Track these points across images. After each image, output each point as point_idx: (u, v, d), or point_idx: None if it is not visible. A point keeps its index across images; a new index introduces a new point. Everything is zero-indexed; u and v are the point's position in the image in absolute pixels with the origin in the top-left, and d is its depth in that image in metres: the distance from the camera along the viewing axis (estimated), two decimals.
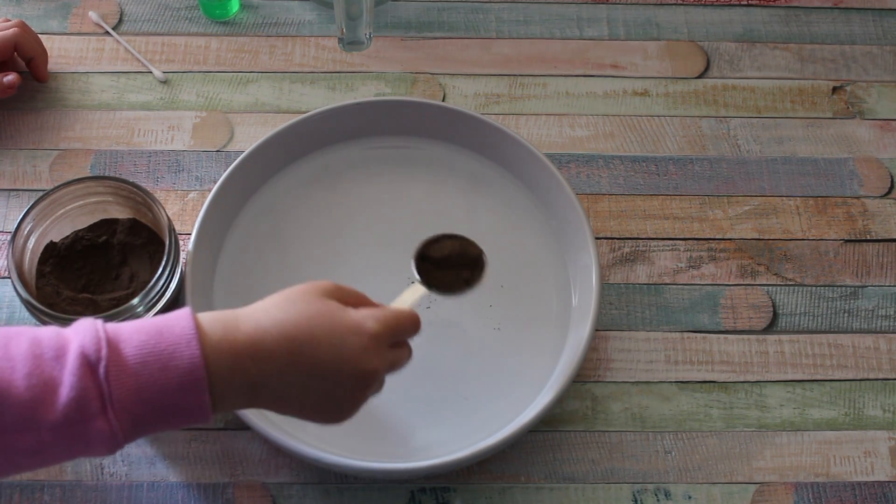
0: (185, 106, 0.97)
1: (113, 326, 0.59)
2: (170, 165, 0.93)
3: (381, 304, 0.68)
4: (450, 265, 0.77)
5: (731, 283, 0.89)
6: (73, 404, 0.56)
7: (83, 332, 0.58)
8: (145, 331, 0.59)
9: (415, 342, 0.84)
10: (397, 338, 0.66)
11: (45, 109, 0.96)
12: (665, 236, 0.91)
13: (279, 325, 0.61)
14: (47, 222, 0.79)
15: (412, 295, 0.73)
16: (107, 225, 0.82)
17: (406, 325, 0.66)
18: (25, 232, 0.77)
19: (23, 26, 0.94)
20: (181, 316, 0.60)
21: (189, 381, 0.58)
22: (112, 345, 0.57)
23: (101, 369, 0.56)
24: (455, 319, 0.85)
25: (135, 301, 0.74)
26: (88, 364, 0.56)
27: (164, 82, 0.98)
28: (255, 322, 0.61)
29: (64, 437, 0.56)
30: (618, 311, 0.88)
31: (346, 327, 0.62)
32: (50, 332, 0.58)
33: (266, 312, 0.62)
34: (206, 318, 0.61)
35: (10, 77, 0.92)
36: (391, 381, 0.82)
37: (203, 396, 0.58)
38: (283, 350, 0.60)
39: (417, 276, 0.74)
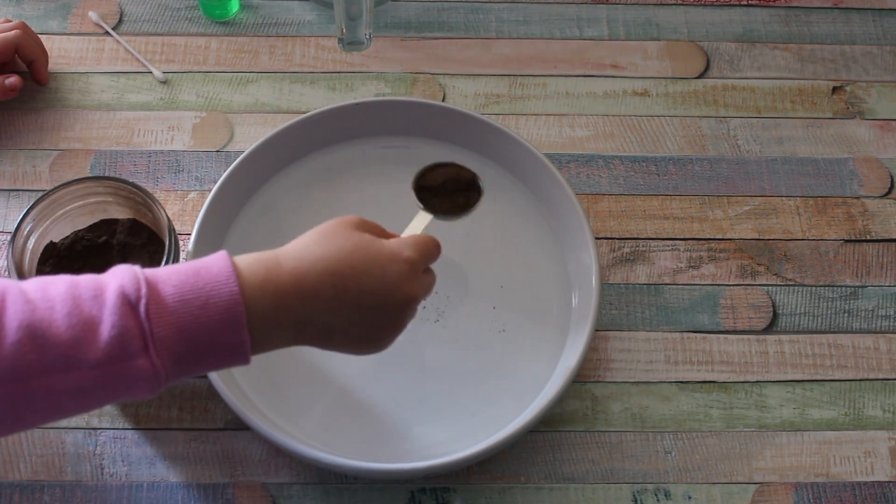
0: (184, 106, 0.97)
1: (150, 270, 0.60)
2: (170, 165, 0.93)
3: (415, 236, 0.70)
4: (446, 191, 0.79)
5: (731, 283, 0.89)
6: (114, 342, 0.56)
7: (121, 275, 0.58)
8: (183, 272, 0.60)
9: (415, 342, 0.84)
10: (428, 262, 0.69)
11: (45, 110, 0.96)
12: (665, 236, 0.91)
13: (321, 260, 0.62)
14: (47, 222, 0.79)
15: (420, 223, 0.75)
16: (107, 225, 0.82)
17: (434, 250, 0.69)
18: (25, 232, 0.77)
19: (24, 28, 0.94)
20: (218, 257, 0.61)
21: (228, 318, 0.58)
22: (151, 284, 0.58)
23: (142, 307, 0.57)
24: (458, 320, 0.85)
25: None
26: (129, 303, 0.57)
27: (164, 82, 0.98)
28: (296, 261, 0.62)
29: (106, 376, 0.57)
30: (618, 311, 0.88)
31: (385, 256, 0.64)
32: (88, 277, 0.59)
33: (306, 249, 0.63)
34: (246, 259, 0.62)
35: (12, 79, 0.92)
36: (392, 381, 0.82)
37: (242, 333, 0.59)
38: (328, 285, 0.62)
39: (420, 204, 0.77)
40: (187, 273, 0.59)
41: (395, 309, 0.65)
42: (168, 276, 0.59)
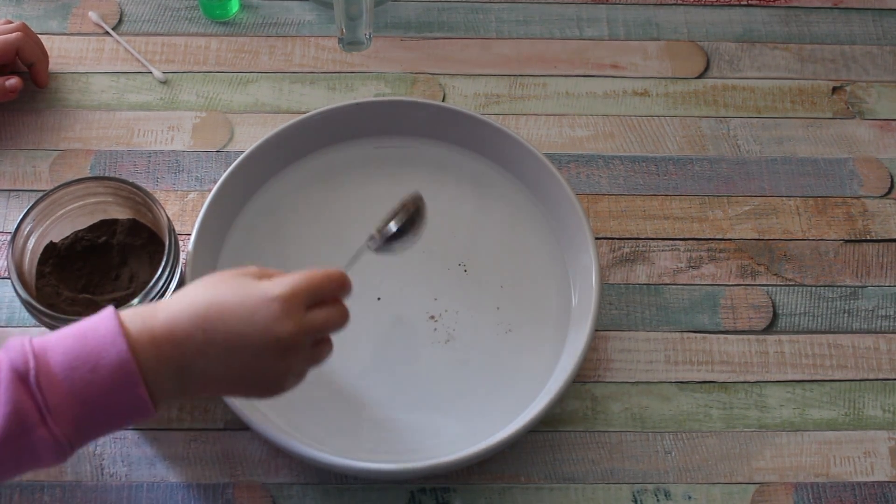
0: (184, 106, 0.97)
1: (39, 339, 0.60)
2: (170, 166, 0.93)
3: (299, 272, 0.66)
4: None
5: (731, 283, 0.89)
6: (11, 418, 0.57)
7: (11, 350, 0.59)
8: (71, 335, 0.60)
9: (416, 341, 0.84)
10: (314, 298, 0.65)
11: (45, 110, 0.96)
12: (665, 236, 0.91)
13: (190, 306, 0.62)
14: (47, 223, 0.79)
15: (354, 257, 0.74)
16: (107, 225, 0.82)
17: (320, 284, 0.65)
18: (25, 232, 0.77)
19: (25, 29, 0.94)
20: (104, 316, 0.61)
21: (121, 377, 0.58)
22: (38, 355, 0.58)
23: (32, 379, 0.57)
24: (459, 321, 0.85)
25: (135, 301, 0.74)
26: (19, 377, 0.57)
27: (164, 82, 0.98)
28: (169, 308, 0.62)
29: (9, 451, 0.57)
30: (618, 311, 0.88)
31: (254, 298, 0.62)
32: None
33: (181, 297, 0.63)
34: (126, 314, 0.62)
35: (13, 81, 0.92)
36: (391, 381, 0.82)
37: (138, 389, 0.59)
38: (197, 330, 0.61)
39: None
40: (75, 336, 0.59)
41: (270, 350, 0.62)
42: (56, 342, 0.59)
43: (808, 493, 0.80)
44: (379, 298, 0.85)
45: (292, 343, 0.63)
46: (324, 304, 0.65)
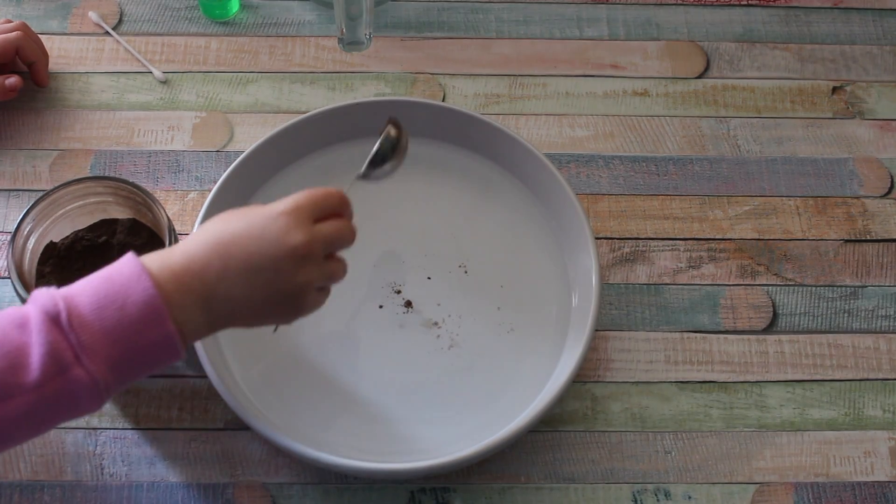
0: (184, 106, 0.97)
1: (64, 288, 0.61)
2: (170, 165, 0.93)
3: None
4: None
5: (731, 283, 0.89)
6: (47, 359, 0.58)
7: (39, 298, 0.60)
8: (96, 280, 0.61)
9: (419, 350, 0.83)
10: (318, 212, 0.67)
11: (45, 109, 0.96)
12: (665, 236, 0.91)
13: (202, 237, 0.64)
14: (47, 222, 0.79)
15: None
16: (107, 225, 0.82)
17: (322, 199, 0.67)
18: (25, 232, 0.77)
19: (25, 29, 0.94)
20: (125, 261, 0.62)
21: (148, 312, 0.60)
22: (67, 299, 0.60)
23: (64, 320, 0.59)
24: (460, 322, 0.85)
25: None
26: (51, 319, 0.59)
27: (164, 82, 0.98)
28: (184, 245, 0.64)
29: (47, 395, 0.58)
30: (618, 311, 0.88)
31: (261, 217, 0.65)
32: (9, 309, 0.61)
33: (194, 235, 0.65)
34: (144, 257, 0.63)
35: (12, 80, 0.92)
36: (391, 381, 0.82)
37: (166, 324, 0.60)
38: (214, 256, 0.63)
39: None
40: (100, 280, 0.61)
41: (286, 261, 0.64)
42: (83, 287, 0.61)
43: (808, 493, 0.80)
44: (381, 306, 0.85)
45: (306, 252, 0.65)
46: (328, 219, 0.68)
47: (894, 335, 0.88)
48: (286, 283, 0.65)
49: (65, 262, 0.80)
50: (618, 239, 0.91)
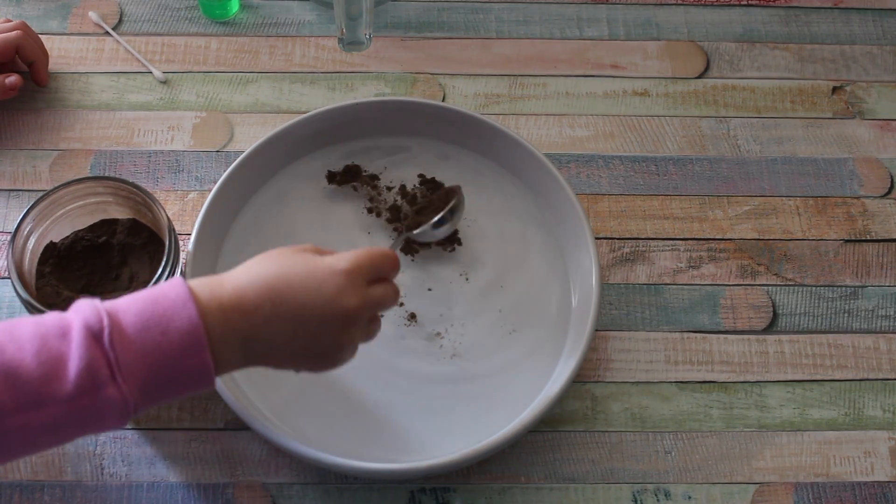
0: (184, 106, 0.97)
1: (109, 302, 0.61)
2: (170, 165, 0.93)
3: (358, 249, 0.70)
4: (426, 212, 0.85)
5: (731, 283, 0.89)
6: (83, 374, 0.58)
7: (83, 310, 0.60)
8: (141, 299, 0.61)
9: (421, 360, 0.83)
10: (374, 274, 0.67)
11: (45, 109, 0.96)
12: (665, 236, 0.91)
13: (259, 277, 0.64)
14: (47, 222, 0.79)
15: (395, 243, 0.81)
16: (107, 225, 0.82)
17: (380, 262, 0.68)
18: (25, 232, 0.77)
19: (25, 28, 0.94)
20: (174, 283, 0.62)
21: (190, 341, 0.60)
22: (112, 315, 0.60)
23: (106, 337, 0.58)
24: (466, 333, 0.85)
25: None
26: (93, 335, 0.58)
27: (164, 82, 0.98)
28: (236, 279, 0.64)
29: (77, 408, 0.58)
30: (618, 311, 0.88)
31: (320, 271, 0.64)
32: (52, 315, 0.60)
33: (247, 270, 0.65)
34: (193, 283, 0.63)
35: (12, 78, 0.92)
36: (391, 381, 0.82)
37: (204, 355, 0.60)
38: (265, 300, 0.63)
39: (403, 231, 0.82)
40: (146, 301, 0.61)
41: (336, 321, 0.64)
42: (128, 305, 0.61)
43: (808, 493, 0.80)
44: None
45: (355, 315, 0.65)
46: (380, 282, 0.68)
47: (894, 335, 0.88)
48: (329, 341, 0.65)
49: (65, 262, 0.80)
50: (618, 239, 0.91)
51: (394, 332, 0.84)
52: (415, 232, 0.83)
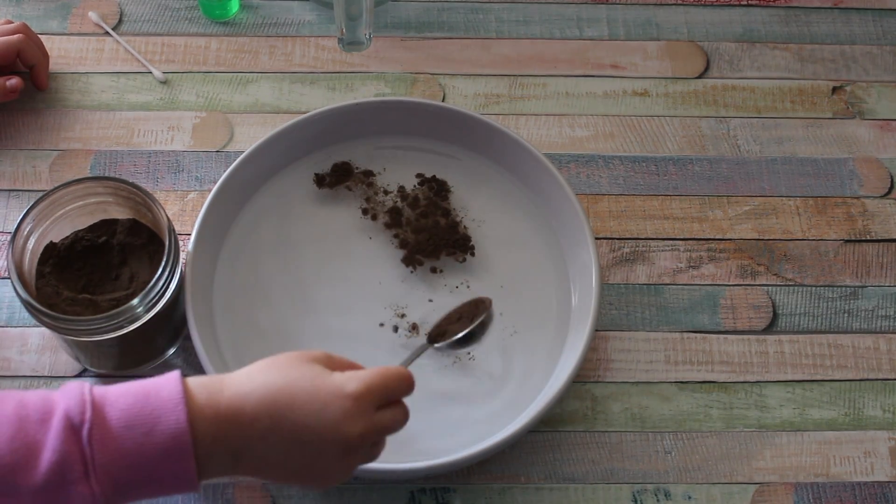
0: (184, 106, 0.97)
1: (100, 389, 0.59)
2: (170, 166, 0.93)
3: (372, 368, 0.65)
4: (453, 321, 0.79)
5: (731, 283, 0.89)
6: (55, 468, 0.55)
7: (70, 395, 0.58)
8: (132, 393, 0.58)
9: (423, 368, 0.83)
10: (385, 398, 0.63)
11: (45, 110, 0.96)
12: (665, 236, 0.91)
13: (261, 388, 0.60)
14: (47, 223, 0.79)
15: (415, 352, 0.74)
16: (107, 225, 0.82)
17: (394, 385, 0.63)
18: (25, 232, 0.77)
19: (26, 31, 0.94)
20: (170, 379, 0.59)
21: (174, 447, 0.57)
22: (97, 408, 0.57)
23: (85, 433, 0.56)
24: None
25: (135, 301, 0.74)
26: (72, 427, 0.56)
27: (164, 82, 0.98)
28: (237, 386, 0.60)
29: (45, 501, 0.56)
30: (618, 311, 0.88)
31: (327, 391, 0.61)
32: (37, 396, 0.58)
33: (249, 377, 0.61)
34: (192, 382, 0.60)
35: (13, 81, 0.92)
36: None
37: (188, 463, 0.57)
38: (264, 415, 0.59)
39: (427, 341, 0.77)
40: (136, 395, 0.58)
41: (334, 448, 0.60)
42: (116, 398, 0.58)
43: (808, 493, 0.80)
44: (382, 324, 0.85)
45: (358, 443, 0.61)
46: (390, 405, 0.64)
47: (894, 335, 0.88)
48: (325, 466, 0.62)
49: (65, 262, 0.80)
50: (618, 239, 0.91)
51: (397, 344, 0.84)
52: (436, 345, 0.77)
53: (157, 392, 0.58)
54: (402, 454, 0.79)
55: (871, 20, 1.05)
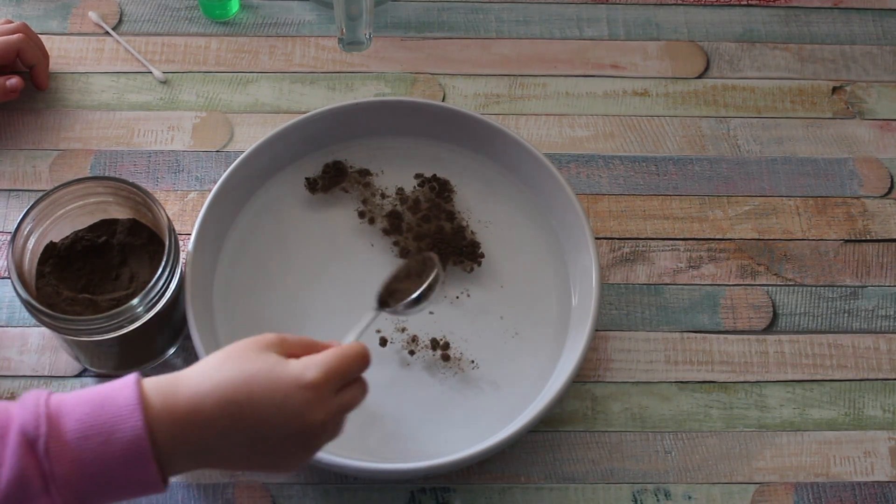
0: (184, 106, 0.97)
1: (57, 399, 0.58)
2: (170, 165, 0.93)
3: (331, 343, 0.65)
4: (402, 281, 0.76)
5: (731, 283, 0.89)
6: (14, 484, 0.55)
7: (26, 408, 0.57)
8: (88, 401, 0.58)
9: (425, 374, 0.83)
10: (344, 380, 0.63)
11: (45, 110, 0.96)
12: (665, 236, 0.91)
13: (217, 387, 0.59)
14: (47, 223, 0.79)
15: (364, 321, 0.71)
16: (107, 225, 0.82)
17: (351, 364, 0.63)
18: (25, 232, 0.77)
19: (26, 31, 0.94)
20: (125, 384, 0.59)
21: (133, 453, 0.57)
22: (52, 420, 0.57)
23: (41, 446, 0.55)
24: (470, 344, 0.85)
25: (135, 301, 0.74)
26: (28, 442, 0.55)
27: (164, 82, 0.98)
28: (194, 386, 0.60)
29: None
30: (618, 311, 0.88)
31: (285, 382, 0.60)
32: None
33: (204, 374, 0.61)
34: (148, 385, 0.60)
35: (13, 81, 0.92)
36: (391, 382, 0.82)
37: (149, 466, 0.57)
38: (223, 413, 0.59)
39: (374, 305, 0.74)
40: (92, 404, 0.57)
41: (300, 436, 0.61)
42: (73, 407, 0.57)
43: (808, 493, 0.80)
44: (379, 330, 0.85)
45: (321, 431, 0.62)
46: (349, 384, 0.64)
47: (894, 335, 0.88)
48: (289, 455, 0.62)
49: (65, 262, 0.80)
50: (618, 239, 0.91)
51: (399, 358, 0.84)
52: (387, 309, 0.74)
53: (112, 399, 0.58)
54: (402, 454, 0.79)
55: (871, 20, 1.05)
